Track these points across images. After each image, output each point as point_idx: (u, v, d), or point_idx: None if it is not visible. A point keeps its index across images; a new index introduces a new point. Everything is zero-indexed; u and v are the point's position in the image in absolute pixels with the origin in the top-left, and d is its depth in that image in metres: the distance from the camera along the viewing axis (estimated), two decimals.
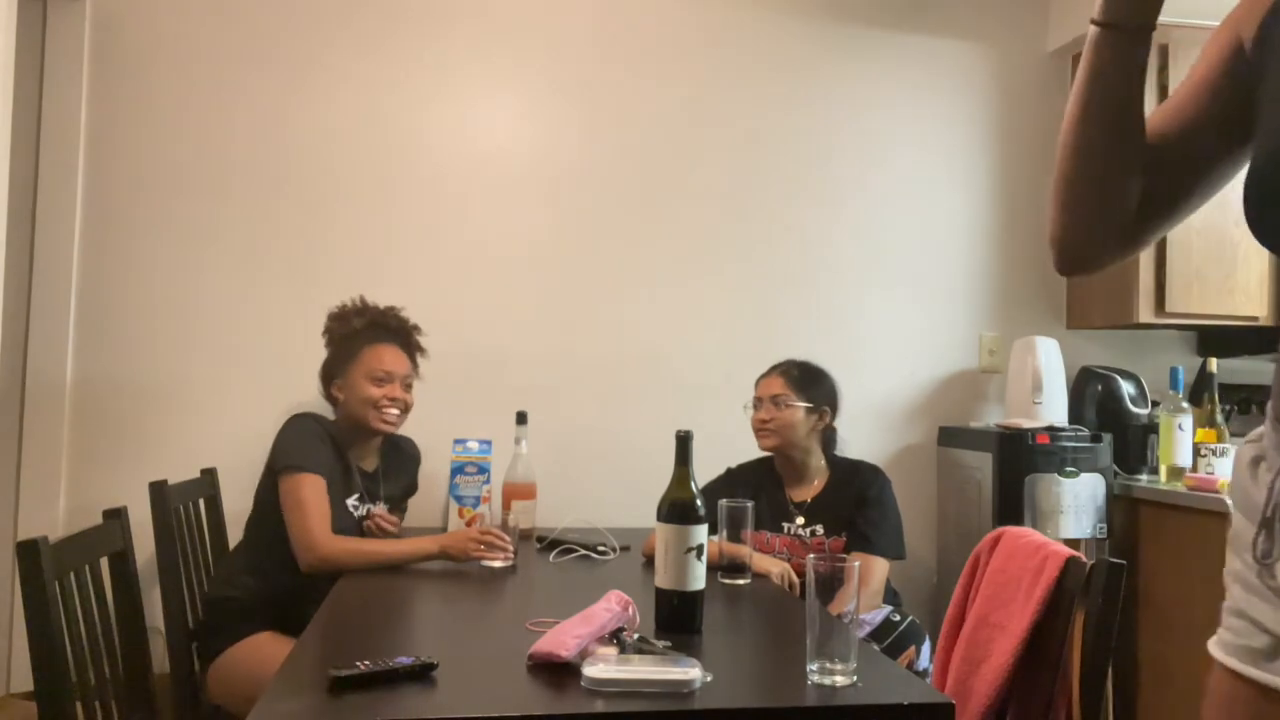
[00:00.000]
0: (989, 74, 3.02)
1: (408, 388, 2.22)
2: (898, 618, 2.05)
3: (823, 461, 2.29)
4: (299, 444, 2.05)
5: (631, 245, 2.80)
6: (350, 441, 2.18)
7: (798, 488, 2.28)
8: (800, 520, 2.23)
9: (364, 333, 2.21)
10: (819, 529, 2.21)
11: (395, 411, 2.17)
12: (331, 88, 2.65)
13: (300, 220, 2.62)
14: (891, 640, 2.01)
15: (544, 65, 2.77)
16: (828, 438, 2.30)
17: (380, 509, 2.19)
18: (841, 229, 2.91)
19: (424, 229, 2.68)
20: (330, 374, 2.21)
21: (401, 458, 2.36)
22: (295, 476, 1.99)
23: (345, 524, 2.07)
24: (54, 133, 2.48)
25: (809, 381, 2.26)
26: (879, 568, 2.12)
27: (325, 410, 2.23)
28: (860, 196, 2.93)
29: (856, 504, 2.19)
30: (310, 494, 1.98)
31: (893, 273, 2.94)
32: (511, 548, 1.98)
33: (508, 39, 2.75)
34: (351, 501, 2.14)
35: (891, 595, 2.21)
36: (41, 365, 2.45)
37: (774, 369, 2.31)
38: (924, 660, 2.03)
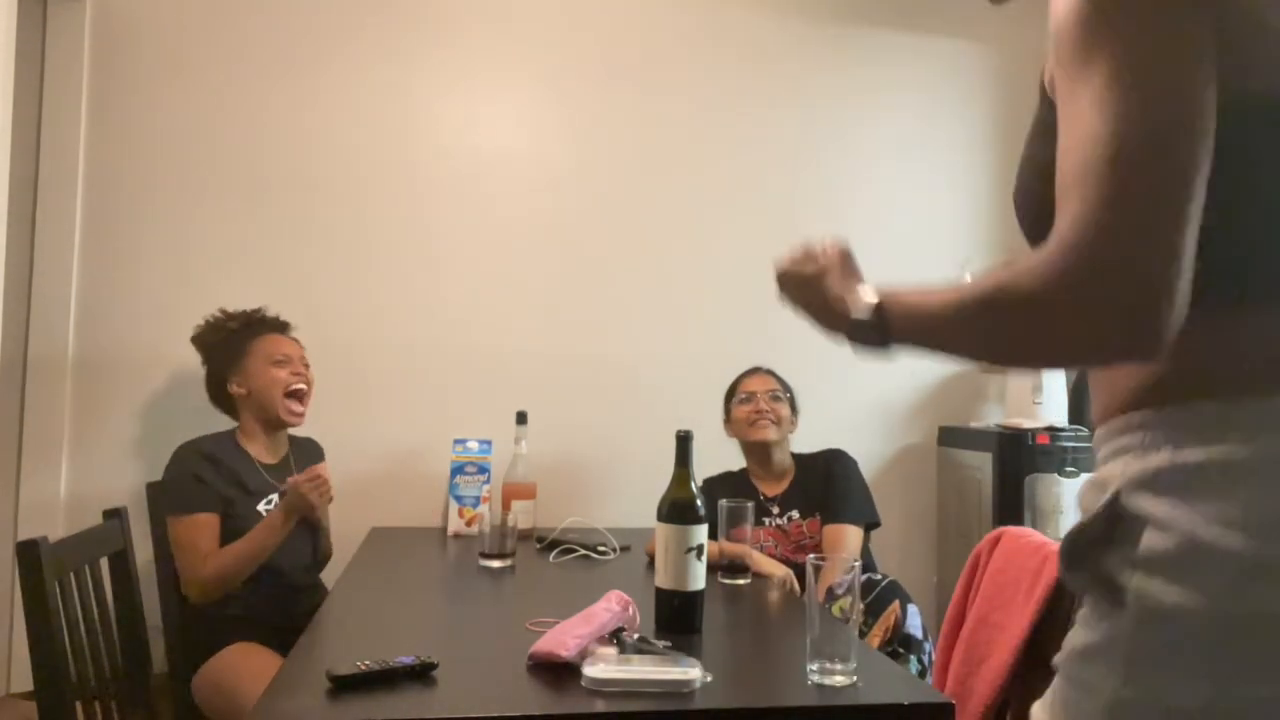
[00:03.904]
0: (989, 74, 3.02)
1: (307, 366, 2.24)
2: (878, 576, 2.13)
3: (789, 458, 2.41)
4: (176, 486, 2.03)
5: (633, 246, 2.80)
6: (254, 436, 2.17)
7: (769, 484, 2.38)
8: (776, 511, 2.33)
9: (244, 330, 2.22)
10: (795, 514, 2.32)
11: (304, 386, 2.19)
12: (333, 87, 2.65)
13: (300, 220, 2.62)
14: (874, 596, 2.07)
15: (547, 69, 2.77)
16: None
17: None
18: (842, 228, 2.91)
19: (425, 230, 2.68)
20: (222, 377, 2.19)
21: (309, 451, 2.33)
22: (172, 520, 2.01)
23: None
24: (54, 133, 2.47)
25: (787, 385, 2.44)
26: (850, 534, 2.23)
27: (215, 425, 2.21)
28: (860, 195, 2.93)
29: (823, 483, 2.32)
30: (184, 535, 1.98)
31: (892, 272, 2.92)
32: (328, 474, 2.04)
33: (515, 41, 2.75)
34: (263, 507, 2.09)
35: (869, 564, 2.31)
36: (41, 365, 2.45)
37: (759, 369, 2.46)
38: (912, 623, 2.03)
